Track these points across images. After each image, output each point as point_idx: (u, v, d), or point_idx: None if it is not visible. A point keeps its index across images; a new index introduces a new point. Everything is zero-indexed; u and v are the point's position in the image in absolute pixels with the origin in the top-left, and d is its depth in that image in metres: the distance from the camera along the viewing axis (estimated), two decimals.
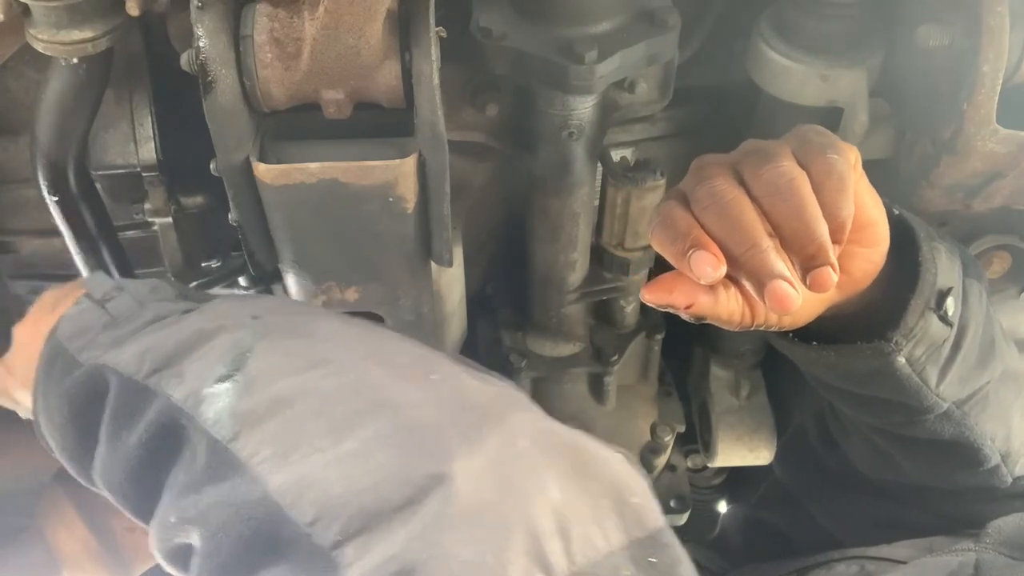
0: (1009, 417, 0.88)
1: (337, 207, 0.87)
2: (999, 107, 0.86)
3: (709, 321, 0.73)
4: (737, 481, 1.61)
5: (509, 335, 1.24)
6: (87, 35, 0.85)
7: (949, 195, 0.95)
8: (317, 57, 0.80)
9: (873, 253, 0.76)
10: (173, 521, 0.59)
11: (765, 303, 0.66)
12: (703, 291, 0.70)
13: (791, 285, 0.65)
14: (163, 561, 0.62)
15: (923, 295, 0.78)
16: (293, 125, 0.86)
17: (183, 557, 0.59)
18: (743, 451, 1.33)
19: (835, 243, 0.67)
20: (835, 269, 0.66)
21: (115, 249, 1.05)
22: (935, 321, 0.79)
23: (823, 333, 0.82)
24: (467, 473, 0.52)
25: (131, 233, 1.10)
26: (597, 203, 1.10)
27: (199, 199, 1.08)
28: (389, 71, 0.82)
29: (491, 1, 0.93)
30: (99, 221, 1.02)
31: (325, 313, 0.75)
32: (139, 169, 1.05)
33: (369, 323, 0.73)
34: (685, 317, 0.72)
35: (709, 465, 1.43)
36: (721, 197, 0.68)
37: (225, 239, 1.11)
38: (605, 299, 1.21)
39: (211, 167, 0.88)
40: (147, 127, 1.03)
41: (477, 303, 1.26)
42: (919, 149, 0.95)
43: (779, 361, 0.92)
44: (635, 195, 1.05)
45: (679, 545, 0.56)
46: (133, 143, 1.04)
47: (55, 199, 0.98)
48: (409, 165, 0.84)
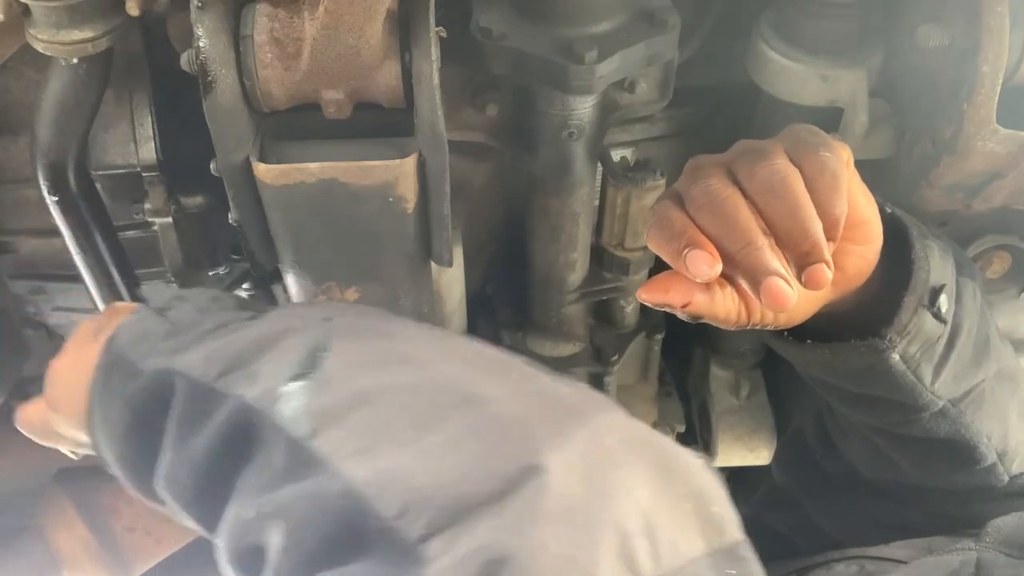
0: (1005, 415, 0.88)
1: (337, 207, 0.87)
2: (999, 107, 0.86)
3: (706, 320, 0.73)
4: (737, 482, 1.60)
5: (509, 335, 1.24)
6: (87, 35, 0.85)
7: (949, 195, 0.95)
8: (317, 57, 0.80)
9: (866, 250, 0.77)
10: (251, 517, 0.57)
11: (761, 301, 0.66)
12: (699, 290, 0.70)
13: (787, 282, 0.65)
14: (230, 566, 0.60)
15: (916, 292, 0.79)
16: (293, 125, 0.86)
17: (253, 559, 0.57)
18: (743, 451, 1.33)
19: (829, 240, 0.68)
20: (830, 266, 0.66)
21: (115, 249, 1.05)
22: (929, 318, 0.80)
23: (818, 332, 0.82)
24: (559, 467, 0.51)
25: (131, 233, 1.10)
26: (597, 203, 1.10)
27: (199, 199, 1.08)
28: (389, 71, 0.82)
29: (491, 1, 0.93)
30: (99, 221, 1.02)
31: (397, 316, 0.74)
32: (139, 169, 1.05)
33: (440, 328, 0.72)
34: (682, 316, 0.72)
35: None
36: (716, 196, 0.69)
37: (225, 239, 1.11)
38: (605, 299, 1.21)
39: (211, 167, 0.88)
40: (147, 127, 1.03)
41: (477, 303, 1.26)
42: (919, 149, 0.95)
43: (779, 361, 0.92)
44: (635, 195, 1.05)
45: (756, 561, 0.55)
46: (133, 143, 1.04)
47: (55, 199, 0.98)
48: (409, 165, 0.84)
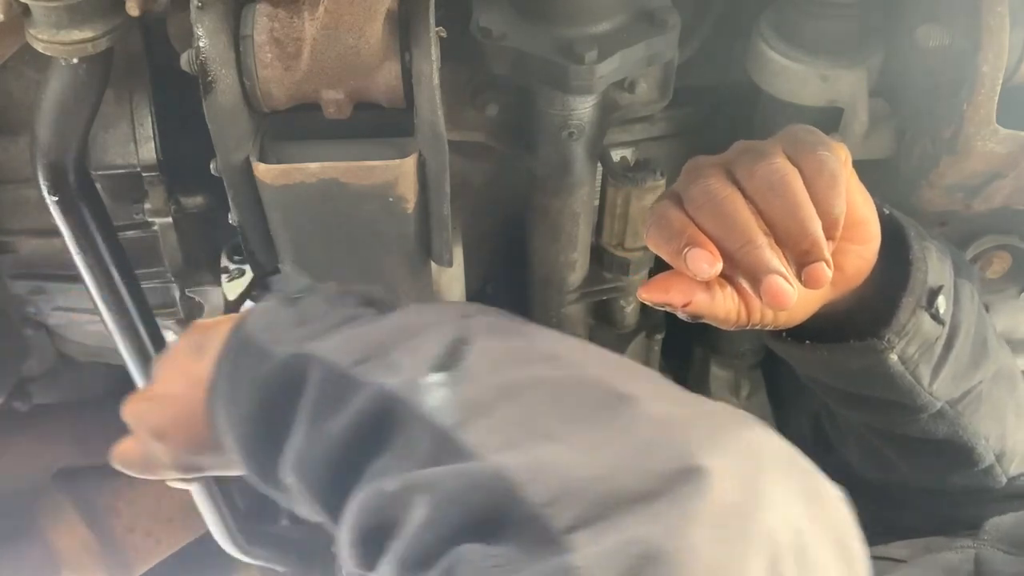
0: (1003, 417, 0.88)
1: (337, 207, 0.87)
2: (999, 107, 0.86)
3: (706, 320, 0.73)
4: None
5: None
6: (87, 35, 0.85)
7: (949, 195, 0.95)
8: (317, 57, 0.80)
9: (865, 250, 0.77)
10: (394, 490, 0.56)
11: (761, 299, 0.66)
12: (700, 289, 0.70)
13: (787, 280, 0.65)
14: (353, 546, 0.59)
15: (914, 293, 0.79)
16: (293, 125, 0.86)
17: (385, 535, 0.57)
18: None
19: (828, 239, 0.68)
20: (829, 265, 0.67)
21: (115, 249, 1.05)
22: (927, 319, 0.80)
23: (817, 332, 0.82)
24: (717, 471, 0.50)
25: (131, 233, 1.10)
26: (597, 203, 1.10)
27: (199, 199, 1.08)
28: (389, 71, 0.82)
29: (491, 1, 0.93)
30: (99, 221, 1.02)
31: (529, 321, 0.74)
32: (139, 169, 1.05)
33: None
34: (682, 316, 0.72)
35: None
36: (715, 195, 0.69)
37: (225, 239, 1.11)
38: (605, 299, 1.21)
39: (211, 167, 0.88)
40: (147, 127, 1.03)
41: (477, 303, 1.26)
42: (919, 149, 0.95)
43: (778, 362, 0.92)
44: (635, 195, 1.05)
45: None
46: (133, 143, 1.04)
47: (55, 199, 0.97)
48: (409, 165, 0.84)
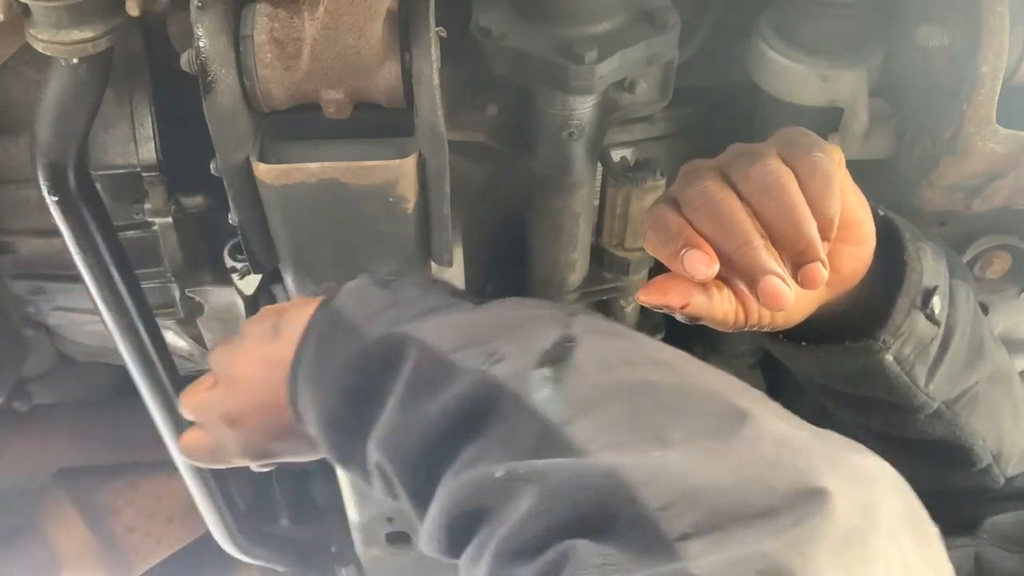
0: (1000, 418, 0.88)
1: (337, 207, 0.87)
2: (999, 107, 0.86)
3: (704, 322, 0.74)
4: None
5: None
6: (87, 35, 0.85)
7: (949, 195, 0.95)
8: (317, 57, 0.80)
9: (860, 251, 0.77)
10: (498, 476, 0.55)
11: (759, 300, 0.67)
12: (697, 291, 0.71)
13: (783, 281, 0.66)
14: (441, 527, 0.59)
15: (909, 293, 0.79)
16: (293, 125, 0.86)
17: (477, 522, 0.56)
18: None
19: (824, 240, 0.69)
20: (825, 265, 0.67)
21: (115, 249, 1.05)
22: (922, 319, 0.80)
23: (813, 334, 0.82)
24: (840, 494, 0.50)
25: (131, 233, 1.10)
26: (597, 203, 1.10)
27: (199, 199, 1.08)
28: (389, 71, 0.82)
29: (491, 1, 0.93)
30: (99, 221, 1.02)
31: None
32: (139, 169, 1.05)
33: None
34: (680, 318, 0.73)
35: None
36: (711, 197, 0.70)
37: (225, 239, 1.11)
38: (605, 299, 1.21)
39: (211, 167, 0.88)
40: (147, 127, 1.03)
41: None
42: (919, 149, 0.95)
43: (778, 362, 0.92)
44: (635, 195, 1.05)
45: None
46: (133, 143, 1.04)
47: (55, 199, 0.97)
48: (409, 165, 0.84)
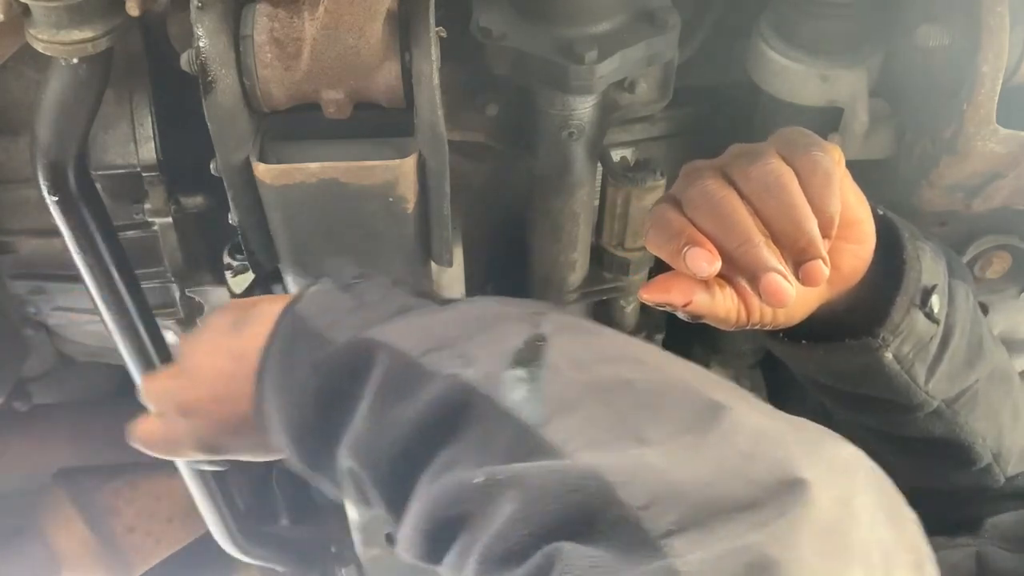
0: (999, 417, 0.88)
1: (337, 207, 0.87)
2: (999, 107, 0.86)
3: (706, 320, 0.74)
4: None
5: None
6: (87, 35, 0.85)
7: (949, 195, 0.95)
8: (317, 57, 0.80)
9: (860, 249, 0.78)
10: (477, 482, 0.55)
11: (760, 297, 0.67)
12: (700, 289, 0.71)
13: (785, 279, 0.67)
14: (420, 533, 0.58)
15: (908, 292, 0.80)
16: (293, 125, 0.86)
17: (456, 528, 0.56)
18: None
19: (824, 238, 0.69)
20: (826, 262, 0.68)
21: (115, 249, 1.05)
22: (921, 318, 0.80)
23: (813, 333, 0.82)
24: (819, 484, 0.51)
25: (131, 233, 1.10)
26: (597, 203, 1.10)
27: (199, 199, 1.08)
28: (389, 71, 0.82)
29: (491, 1, 0.93)
30: (99, 221, 1.02)
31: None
32: (139, 169, 1.05)
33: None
34: (682, 316, 0.73)
35: None
36: (712, 196, 0.70)
37: (225, 239, 1.11)
38: (605, 299, 1.21)
39: (211, 167, 0.88)
40: (147, 127, 1.03)
41: None
42: (919, 149, 0.95)
43: (779, 362, 0.92)
44: (635, 195, 1.05)
45: None
46: (133, 143, 1.04)
47: (55, 199, 0.97)
48: (409, 165, 0.84)
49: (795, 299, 0.68)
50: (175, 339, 1.27)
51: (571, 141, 0.98)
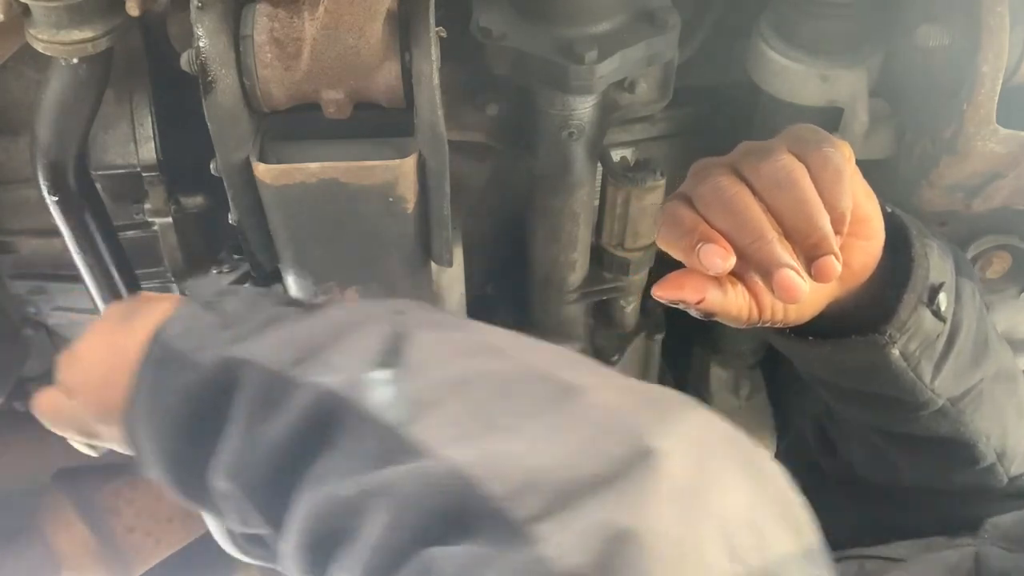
0: (1004, 416, 0.88)
1: (337, 207, 0.87)
2: (999, 107, 0.86)
3: (718, 318, 0.74)
4: None
5: None
6: (87, 35, 0.85)
7: (949, 195, 0.95)
8: (317, 57, 0.80)
9: (870, 246, 0.78)
10: (350, 495, 0.56)
11: (774, 293, 0.67)
12: (713, 286, 0.71)
13: (798, 274, 0.67)
14: (302, 551, 0.59)
15: (915, 290, 0.80)
16: (293, 125, 0.86)
17: (335, 542, 0.56)
18: None
19: (836, 234, 0.69)
20: (838, 258, 0.68)
21: (115, 249, 1.05)
22: (928, 316, 0.80)
23: (821, 332, 0.82)
24: (669, 452, 0.52)
25: (131, 233, 1.10)
26: (597, 203, 1.10)
27: (199, 199, 1.08)
28: (389, 71, 0.82)
29: (491, 1, 0.93)
30: (99, 221, 1.02)
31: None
32: (139, 169, 1.05)
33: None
34: (695, 313, 0.73)
35: None
36: (724, 192, 0.70)
37: (225, 239, 1.11)
38: (605, 299, 1.21)
39: (211, 167, 0.88)
40: (147, 127, 1.03)
41: (477, 303, 1.26)
42: (919, 149, 0.95)
43: (779, 362, 0.92)
44: (635, 195, 1.05)
45: (832, 566, 0.56)
46: (133, 143, 1.04)
47: (55, 199, 0.98)
48: (409, 165, 0.84)
49: (807, 295, 0.68)
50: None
51: (571, 141, 0.98)
